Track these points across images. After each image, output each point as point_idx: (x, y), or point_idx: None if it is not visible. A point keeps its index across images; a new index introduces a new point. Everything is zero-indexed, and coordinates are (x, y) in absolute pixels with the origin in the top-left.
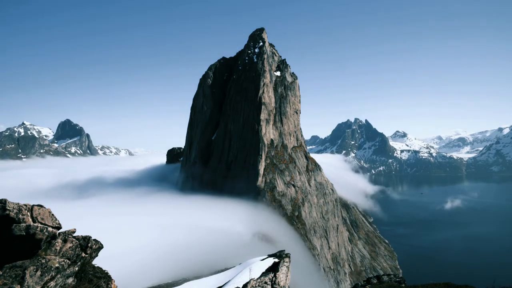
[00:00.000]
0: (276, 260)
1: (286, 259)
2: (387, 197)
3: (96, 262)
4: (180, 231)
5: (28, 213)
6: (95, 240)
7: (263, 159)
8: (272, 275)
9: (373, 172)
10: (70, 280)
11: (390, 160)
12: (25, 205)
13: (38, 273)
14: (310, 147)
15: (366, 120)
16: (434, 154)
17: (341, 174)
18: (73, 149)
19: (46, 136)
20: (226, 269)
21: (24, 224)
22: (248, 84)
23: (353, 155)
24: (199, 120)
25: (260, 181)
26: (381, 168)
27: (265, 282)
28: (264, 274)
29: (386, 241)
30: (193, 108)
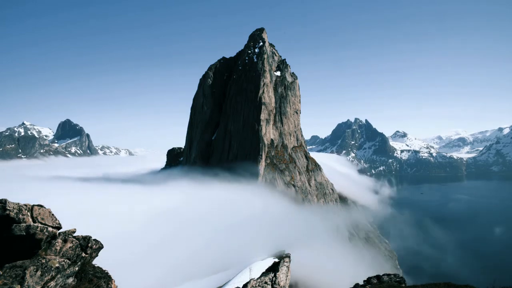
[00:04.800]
0: (276, 260)
1: (286, 259)
2: (387, 197)
3: (96, 261)
4: (179, 229)
5: (28, 213)
6: (95, 240)
7: (263, 159)
8: (272, 275)
9: (373, 172)
10: (70, 280)
11: (390, 160)
12: (25, 205)
13: (38, 273)
14: (310, 147)
15: (366, 120)
16: (434, 154)
17: (342, 174)
18: (73, 149)
19: (46, 136)
20: (226, 269)
21: (24, 224)
22: (248, 84)
23: (353, 155)
24: (199, 120)
25: (260, 181)
26: (381, 168)
27: (265, 282)
28: (264, 274)
29: (386, 241)
30: (193, 108)
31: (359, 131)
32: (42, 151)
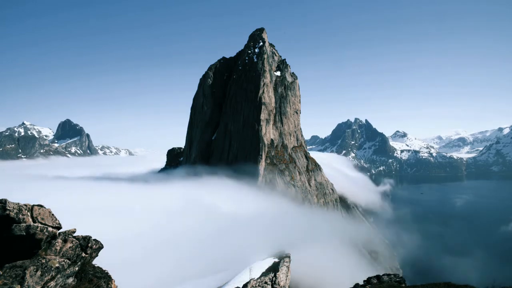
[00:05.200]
0: (276, 260)
1: (286, 259)
2: (387, 197)
3: (96, 261)
4: (179, 229)
5: (28, 213)
6: (95, 240)
7: (263, 159)
8: (272, 275)
9: (373, 172)
10: (70, 280)
11: (390, 160)
12: (25, 205)
13: (38, 273)
14: (310, 147)
15: (366, 120)
16: (434, 154)
17: (342, 174)
18: (73, 149)
19: (46, 136)
20: (226, 269)
21: (24, 224)
22: (248, 84)
23: (353, 155)
24: (199, 120)
25: (260, 181)
26: (381, 168)
27: (265, 282)
28: (264, 274)
29: (386, 241)
30: (193, 108)
31: (359, 131)
32: (42, 151)
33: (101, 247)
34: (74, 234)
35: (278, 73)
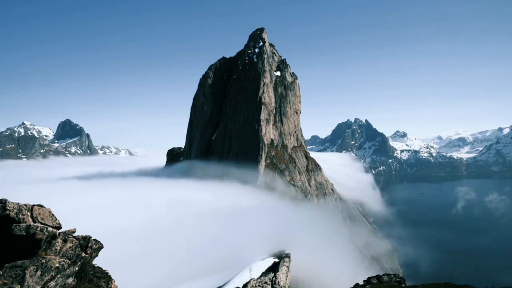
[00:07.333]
0: (276, 260)
1: (286, 259)
2: (387, 197)
3: (96, 261)
4: (179, 229)
5: (28, 213)
6: (95, 240)
7: (263, 159)
8: (272, 275)
9: (373, 172)
10: (70, 280)
11: (390, 160)
12: (25, 205)
13: (38, 273)
14: (310, 147)
15: (366, 120)
16: (434, 154)
17: (342, 173)
18: (73, 149)
19: (46, 136)
20: (226, 269)
21: (24, 224)
22: (248, 84)
23: (353, 155)
24: (199, 120)
25: (260, 181)
26: (381, 168)
27: (265, 282)
28: (264, 274)
29: (386, 240)
30: (193, 108)
31: (359, 131)
32: (42, 151)
33: (101, 247)
34: (74, 234)
35: (278, 73)
